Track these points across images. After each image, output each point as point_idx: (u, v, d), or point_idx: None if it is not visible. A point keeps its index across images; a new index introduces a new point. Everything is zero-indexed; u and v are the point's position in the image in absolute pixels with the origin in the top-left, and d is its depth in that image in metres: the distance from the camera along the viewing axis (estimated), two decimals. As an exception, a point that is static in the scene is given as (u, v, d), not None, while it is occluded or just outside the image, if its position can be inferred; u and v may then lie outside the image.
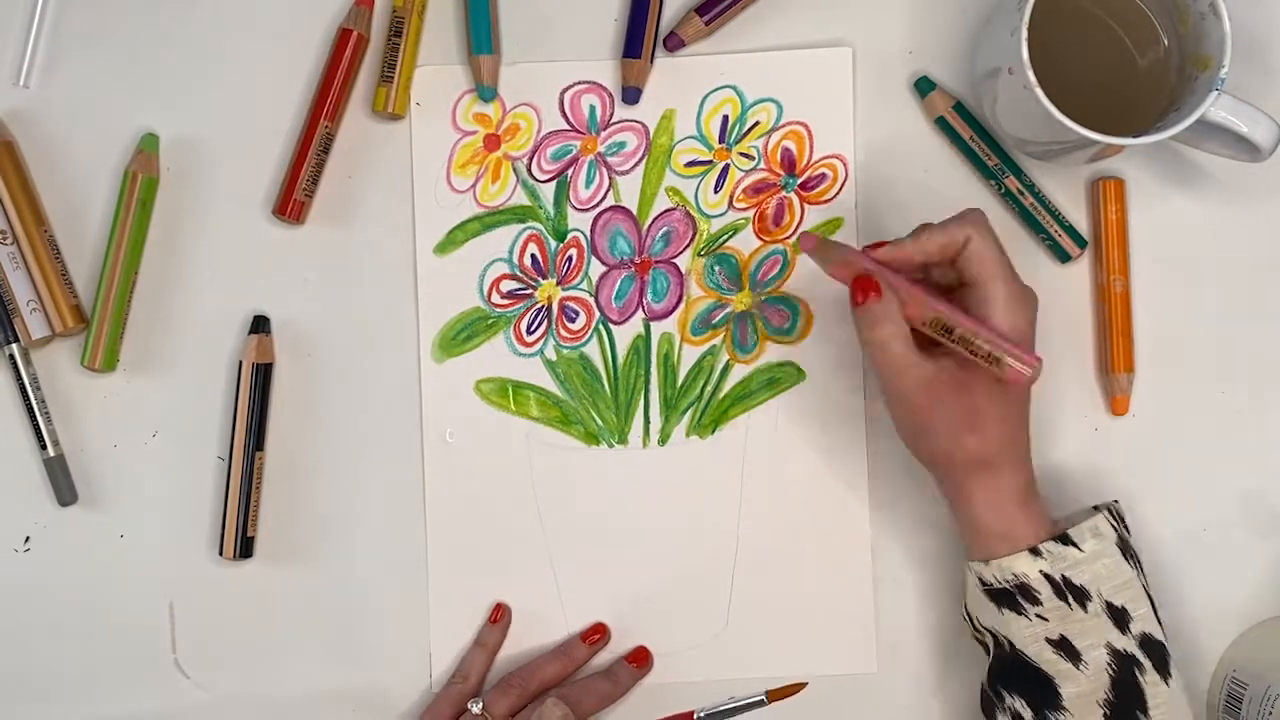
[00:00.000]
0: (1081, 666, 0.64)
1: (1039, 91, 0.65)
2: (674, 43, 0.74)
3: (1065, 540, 0.64)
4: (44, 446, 0.73)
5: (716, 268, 0.75)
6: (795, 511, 0.74)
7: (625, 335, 0.75)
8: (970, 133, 0.73)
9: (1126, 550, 0.66)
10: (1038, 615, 0.64)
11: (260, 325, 0.74)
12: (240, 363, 0.73)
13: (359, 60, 0.74)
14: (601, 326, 0.75)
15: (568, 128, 0.75)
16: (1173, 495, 0.74)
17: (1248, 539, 0.75)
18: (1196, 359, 0.75)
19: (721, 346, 0.75)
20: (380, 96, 0.73)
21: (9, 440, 0.74)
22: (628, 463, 0.75)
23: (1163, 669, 0.64)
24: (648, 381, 0.75)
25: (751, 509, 0.74)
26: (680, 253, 0.75)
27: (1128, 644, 0.64)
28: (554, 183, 0.75)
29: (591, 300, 0.75)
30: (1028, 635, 0.64)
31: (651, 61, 0.74)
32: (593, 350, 0.75)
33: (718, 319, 0.75)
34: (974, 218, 0.66)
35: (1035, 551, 0.64)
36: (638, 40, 0.73)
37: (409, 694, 0.74)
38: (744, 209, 0.75)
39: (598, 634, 0.73)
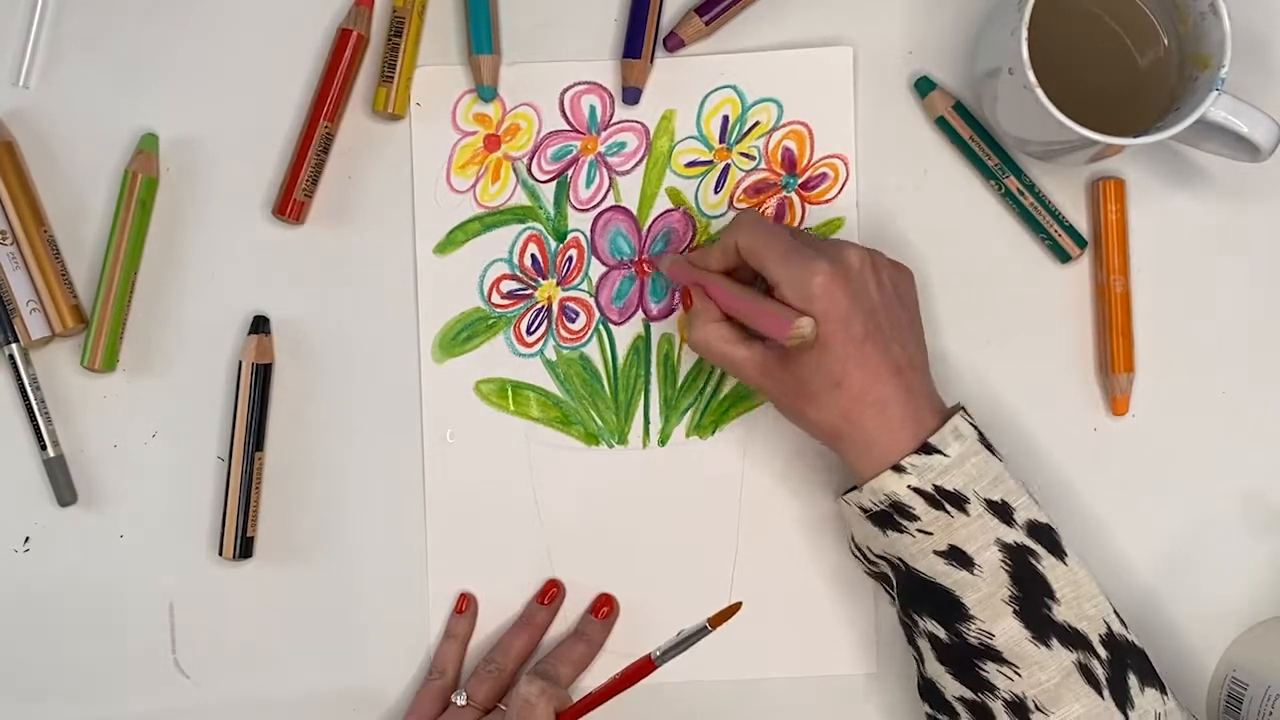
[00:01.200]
0: (976, 571, 0.64)
1: (1039, 91, 0.65)
2: (674, 43, 0.74)
3: (928, 450, 0.64)
4: (44, 447, 0.73)
5: (716, 268, 0.74)
6: (795, 511, 0.74)
7: (625, 335, 0.75)
8: (970, 133, 0.73)
9: (989, 445, 0.66)
10: (919, 530, 0.64)
11: (260, 325, 0.74)
12: (240, 363, 0.73)
13: (359, 60, 0.74)
14: (601, 327, 0.75)
15: (568, 128, 0.75)
16: (1173, 495, 0.74)
17: (1248, 539, 0.75)
18: (1196, 359, 0.75)
19: (721, 346, 0.74)
20: (380, 96, 0.73)
21: (9, 440, 0.74)
22: (628, 463, 0.75)
23: (1055, 550, 0.64)
24: (648, 382, 0.75)
25: (751, 509, 0.74)
26: (681, 253, 0.74)
27: (1017, 535, 0.64)
28: (554, 183, 0.75)
29: (591, 300, 0.75)
30: (915, 551, 0.64)
31: (651, 61, 0.74)
32: (593, 350, 0.75)
33: (718, 319, 0.74)
34: (738, 220, 0.68)
35: (899, 469, 0.64)
36: (638, 40, 0.73)
37: (409, 694, 0.74)
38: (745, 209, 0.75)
39: (552, 591, 0.74)
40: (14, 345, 0.73)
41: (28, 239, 0.72)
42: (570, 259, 0.75)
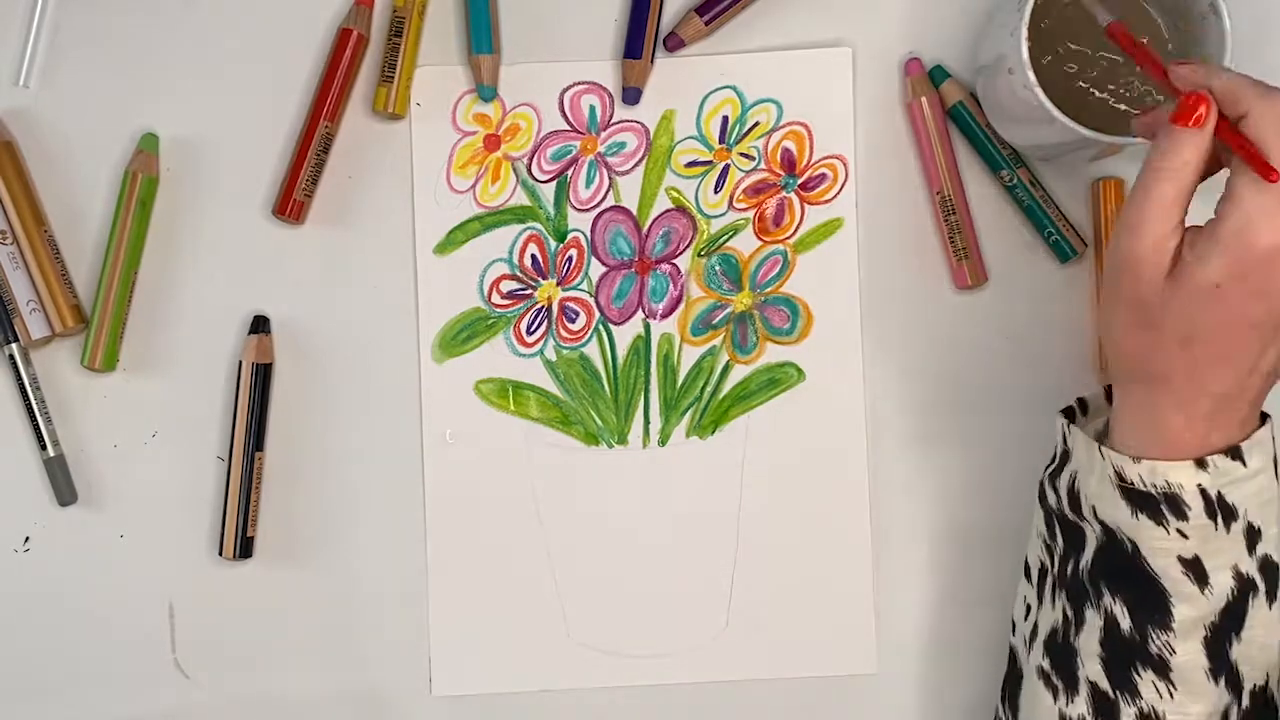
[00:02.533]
0: (1206, 590, 0.60)
1: (1039, 91, 0.65)
2: (674, 43, 0.74)
3: (1235, 454, 0.59)
4: (44, 446, 0.73)
5: (716, 268, 0.75)
6: (795, 511, 0.74)
7: (625, 336, 0.75)
8: (985, 120, 0.73)
9: (1277, 464, 0.61)
10: (1178, 531, 0.59)
11: (260, 325, 0.74)
12: (240, 363, 0.73)
13: (359, 60, 0.74)
14: (601, 327, 0.75)
15: (568, 128, 0.75)
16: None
17: (1248, 539, 0.74)
18: (1197, 359, 0.75)
19: (721, 347, 0.75)
20: (380, 96, 0.73)
21: (9, 440, 0.74)
22: (628, 463, 0.75)
23: (1272, 593, 0.61)
24: (648, 382, 0.75)
25: (751, 509, 0.74)
26: (680, 253, 0.75)
27: (1250, 566, 0.60)
28: (554, 183, 0.75)
29: (591, 301, 0.75)
30: (1159, 547, 0.60)
31: (652, 62, 0.74)
32: (593, 351, 0.75)
33: (718, 319, 0.75)
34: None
35: (1201, 464, 0.58)
36: (638, 40, 0.73)
37: (409, 695, 0.74)
38: (744, 209, 0.75)
39: None
40: (14, 345, 0.73)
41: (28, 239, 0.72)
42: (570, 259, 0.75)
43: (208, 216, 0.74)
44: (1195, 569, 0.60)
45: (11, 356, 0.73)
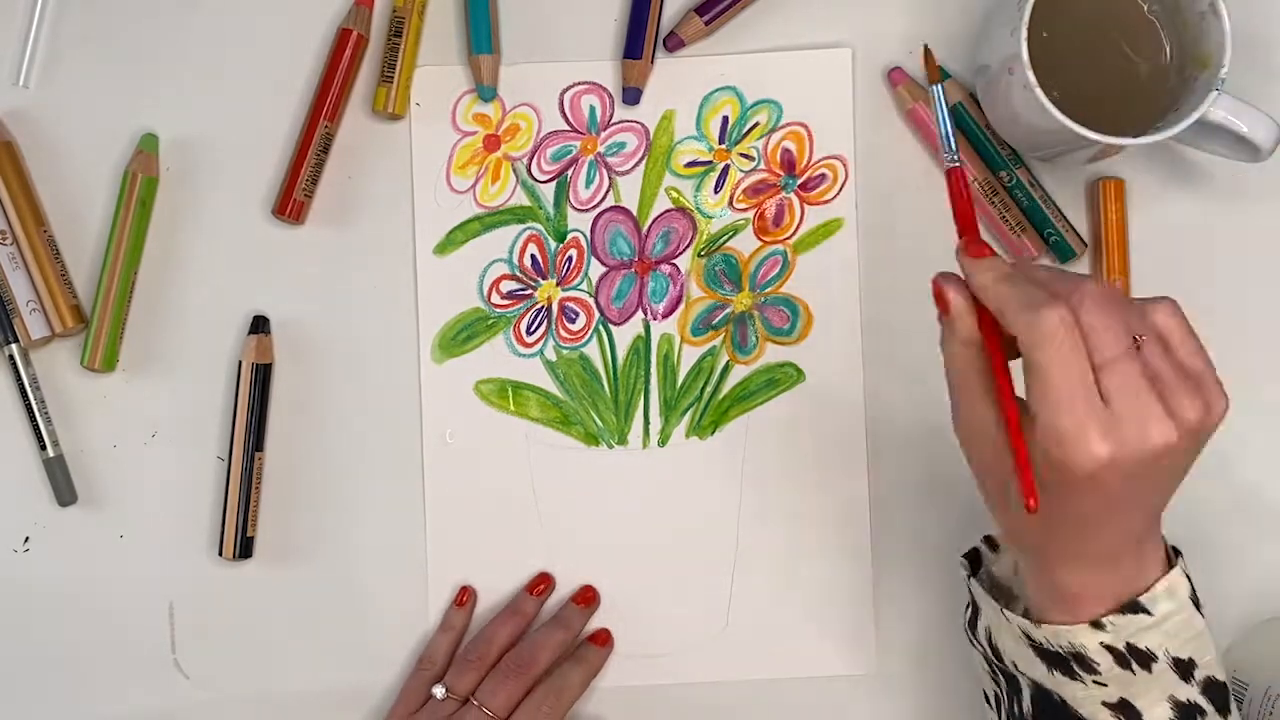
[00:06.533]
0: None
1: (1039, 91, 0.65)
2: (674, 43, 0.74)
3: (1135, 608, 0.57)
4: (44, 446, 0.73)
5: (717, 268, 0.75)
6: (795, 511, 0.74)
7: (625, 336, 0.75)
8: (985, 120, 0.73)
9: (1196, 600, 0.60)
10: (1095, 682, 0.58)
11: (260, 325, 0.74)
12: (240, 363, 0.73)
13: (359, 60, 0.74)
14: (601, 327, 0.75)
15: (568, 128, 0.75)
16: (1172, 495, 0.74)
17: (1248, 539, 0.75)
18: (1196, 359, 0.75)
19: (721, 347, 0.75)
20: (380, 96, 0.73)
21: (9, 440, 0.74)
22: (627, 463, 0.75)
23: (1223, 710, 0.59)
24: (647, 382, 0.75)
25: (751, 509, 0.74)
26: (680, 253, 0.75)
27: (1190, 693, 0.58)
28: (554, 183, 0.75)
29: (591, 301, 0.75)
30: (1082, 697, 0.59)
31: (652, 62, 0.74)
32: (592, 351, 0.75)
33: (718, 320, 0.75)
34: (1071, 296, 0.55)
35: (1097, 624, 0.57)
36: (638, 41, 0.73)
37: (409, 694, 0.74)
38: (744, 209, 0.75)
39: (542, 584, 0.74)
40: (14, 345, 0.73)
41: (28, 239, 0.72)
42: (570, 259, 0.75)
43: (208, 216, 0.74)
44: (1125, 710, 0.58)
45: (11, 356, 0.73)
